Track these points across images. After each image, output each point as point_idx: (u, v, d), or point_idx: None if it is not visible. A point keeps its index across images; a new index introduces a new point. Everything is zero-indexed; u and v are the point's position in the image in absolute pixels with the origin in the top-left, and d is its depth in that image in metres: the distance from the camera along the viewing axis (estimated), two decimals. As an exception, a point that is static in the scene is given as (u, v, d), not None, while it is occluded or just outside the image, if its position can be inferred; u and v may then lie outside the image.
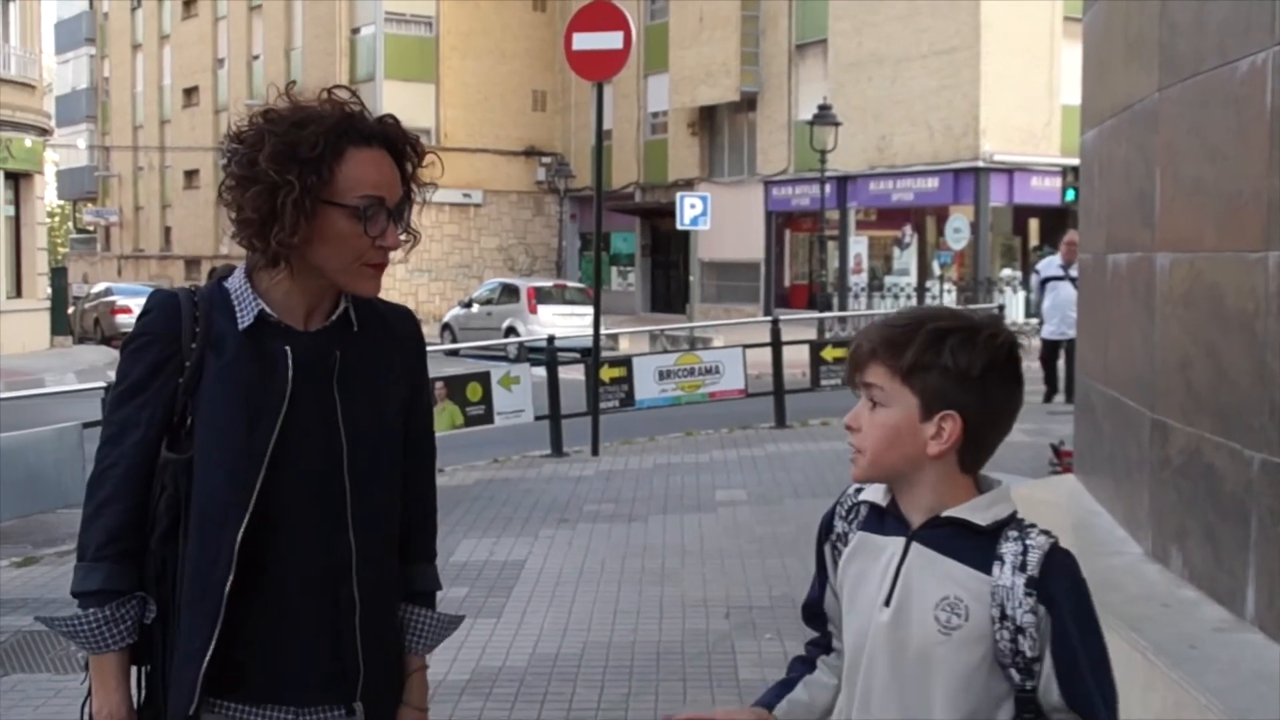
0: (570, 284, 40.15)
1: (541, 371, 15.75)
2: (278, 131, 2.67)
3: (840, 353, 17.79)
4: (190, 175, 68.01)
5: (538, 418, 15.41)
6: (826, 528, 2.67)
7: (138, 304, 31.48)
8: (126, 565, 2.69)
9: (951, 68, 38.86)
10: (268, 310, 2.76)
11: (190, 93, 67.98)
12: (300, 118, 2.69)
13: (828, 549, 2.66)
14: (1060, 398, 17.67)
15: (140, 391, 2.73)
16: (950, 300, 35.71)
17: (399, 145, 2.80)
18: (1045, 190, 39.18)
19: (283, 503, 2.69)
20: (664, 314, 48.44)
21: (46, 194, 45.46)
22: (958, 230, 36.39)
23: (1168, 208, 5.65)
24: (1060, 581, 2.36)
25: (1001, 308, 22.68)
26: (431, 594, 3.03)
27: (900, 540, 2.46)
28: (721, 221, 40.39)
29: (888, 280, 40.31)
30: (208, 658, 2.63)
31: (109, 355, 35.41)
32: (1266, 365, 4.52)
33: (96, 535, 2.69)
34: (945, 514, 2.42)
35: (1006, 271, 40.01)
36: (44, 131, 38.56)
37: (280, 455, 2.69)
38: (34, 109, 37.54)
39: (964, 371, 2.37)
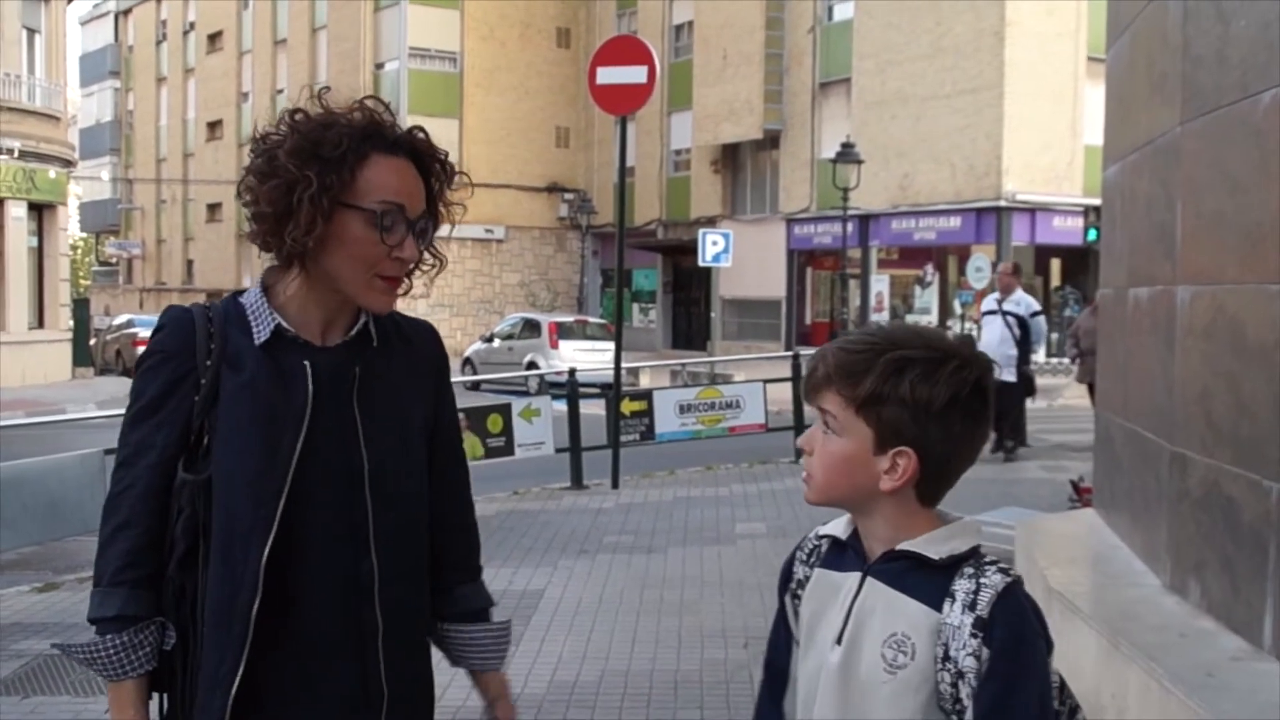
0: (592, 320, 40.19)
1: (562, 405, 15.78)
2: (302, 128, 2.61)
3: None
4: (213, 209, 68.29)
5: (558, 450, 15.40)
6: (786, 576, 2.51)
7: (160, 334, 31.43)
8: (144, 590, 2.60)
9: (975, 107, 38.90)
10: (284, 325, 2.68)
11: (214, 126, 68.31)
12: (328, 120, 2.64)
13: (788, 600, 2.49)
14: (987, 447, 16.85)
15: (155, 411, 2.65)
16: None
17: (426, 159, 2.72)
18: (1067, 230, 39.20)
19: (304, 523, 2.61)
20: (685, 351, 48.40)
21: (70, 226, 45.72)
22: (979, 269, 36.33)
23: (1189, 241, 5.67)
24: (1006, 625, 2.15)
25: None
26: (485, 610, 2.97)
27: (857, 575, 2.31)
28: (743, 259, 40.47)
29: (909, 319, 40.28)
30: (236, 682, 2.54)
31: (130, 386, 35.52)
32: (1286, 396, 4.53)
33: (113, 560, 2.60)
34: (900, 547, 2.26)
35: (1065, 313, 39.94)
36: (68, 163, 38.74)
37: (301, 474, 2.60)
38: (58, 140, 37.72)
39: (924, 406, 2.20)
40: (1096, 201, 11.11)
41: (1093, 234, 35.65)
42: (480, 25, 55.12)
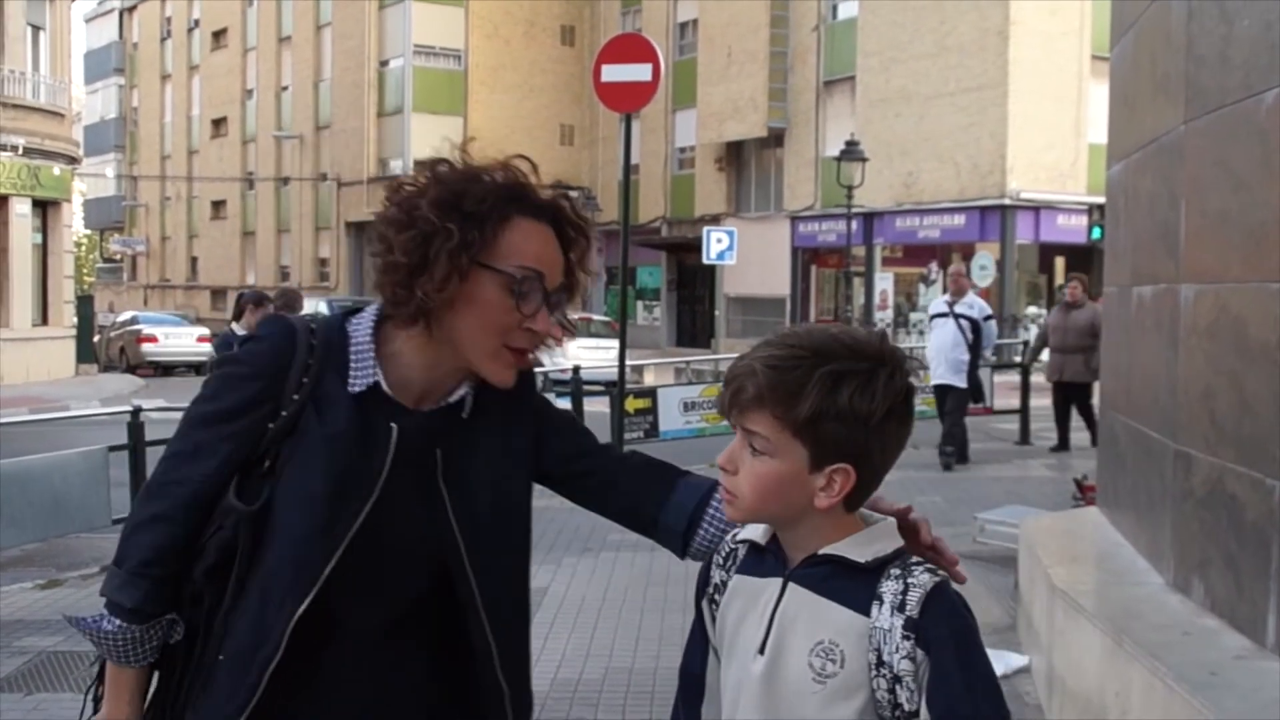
0: (596, 317, 40.14)
1: (566, 403, 15.74)
2: (446, 179, 2.48)
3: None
4: (217, 206, 68.42)
5: (562, 448, 15.31)
6: (704, 580, 2.41)
7: (163, 333, 31.24)
8: (164, 588, 2.51)
9: (979, 105, 38.90)
10: (384, 384, 2.52)
11: (219, 123, 68.44)
12: (471, 174, 2.50)
13: (705, 605, 2.39)
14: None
15: (226, 422, 2.51)
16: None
17: (567, 228, 2.57)
18: (1071, 228, 39.18)
19: (347, 592, 2.49)
20: (689, 348, 48.43)
21: (74, 223, 45.71)
22: (983, 267, 36.35)
23: (1193, 239, 5.67)
24: (941, 624, 2.09)
25: (1026, 344, 22.48)
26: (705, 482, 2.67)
27: (778, 581, 2.22)
28: (747, 256, 40.47)
29: (913, 316, 40.31)
30: None
31: (134, 383, 35.55)
32: (1289, 395, 4.53)
33: (142, 549, 2.50)
34: (823, 551, 2.17)
35: (1032, 309, 40.00)
36: (72, 160, 38.75)
37: (358, 544, 2.47)
38: (63, 137, 37.75)
39: (863, 420, 2.11)
40: (1100, 200, 11.05)
41: (1096, 232, 35.64)
42: (485, 23, 55.20)
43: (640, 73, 14.44)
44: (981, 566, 9.65)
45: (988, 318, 16.29)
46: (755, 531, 2.31)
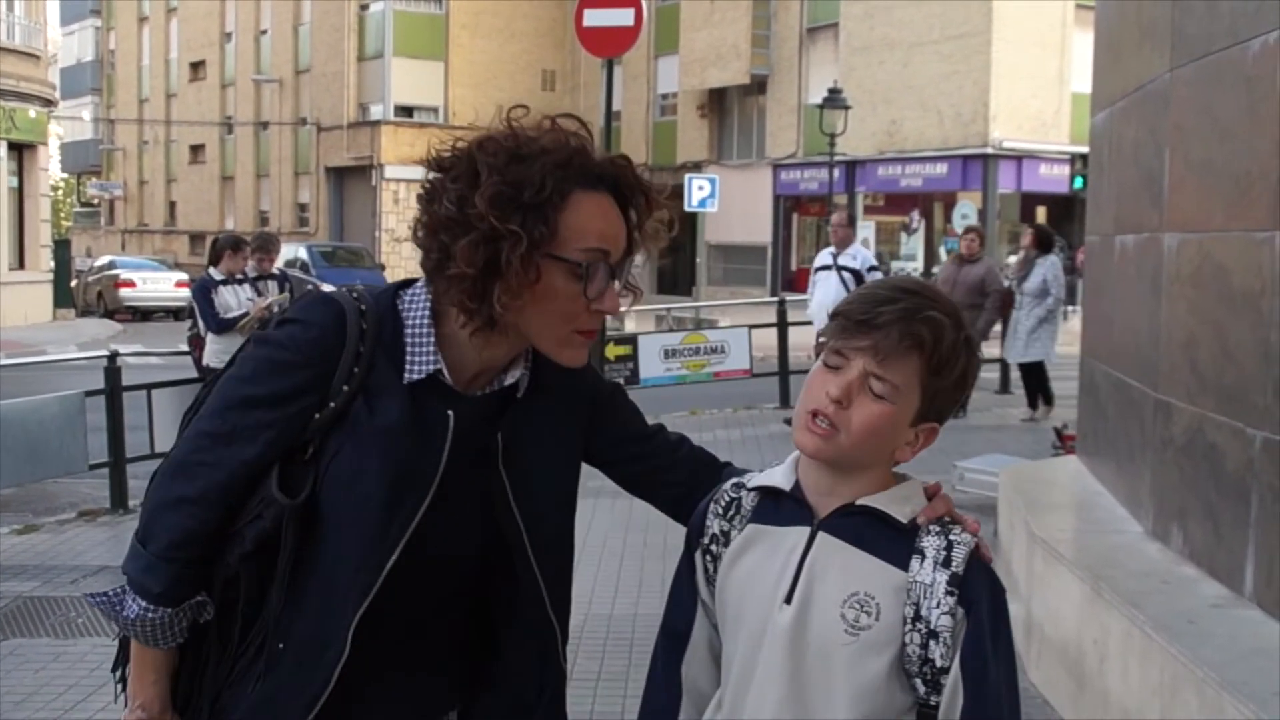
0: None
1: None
2: (497, 166, 2.27)
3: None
4: (196, 150, 68.02)
5: (541, 394, 15.31)
6: (698, 529, 2.36)
7: (141, 278, 31.06)
8: (194, 570, 2.38)
9: (963, 53, 38.81)
10: (444, 371, 2.39)
11: (197, 66, 67.91)
12: (521, 150, 2.29)
13: (699, 557, 2.35)
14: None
15: (268, 408, 2.35)
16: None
17: (629, 191, 2.39)
18: (1054, 178, 39.22)
19: (410, 584, 2.39)
20: (670, 295, 48.38)
21: (50, 166, 45.48)
22: (965, 216, 36.31)
23: (1177, 188, 5.65)
24: (984, 584, 2.10)
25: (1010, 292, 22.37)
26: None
27: (804, 530, 2.18)
28: (729, 204, 40.38)
29: (895, 265, 40.29)
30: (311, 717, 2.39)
31: (112, 328, 35.45)
32: (1271, 344, 4.53)
33: (170, 531, 2.36)
34: (860, 502, 2.16)
35: (1013, 259, 39.98)
36: (48, 103, 38.45)
37: (414, 537, 2.36)
38: (38, 79, 37.45)
39: (961, 385, 2.17)
40: (1083, 149, 10.91)
41: (1079, 182, 35.68)
42: (466, -34, 54.86)
43: (622, 17, 14.33)
44: (960, 515, 9.66)
45: (871, 268, 15.32)
46: (774, 478, 2.27)
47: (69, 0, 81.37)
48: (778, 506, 2.25)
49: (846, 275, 14.96)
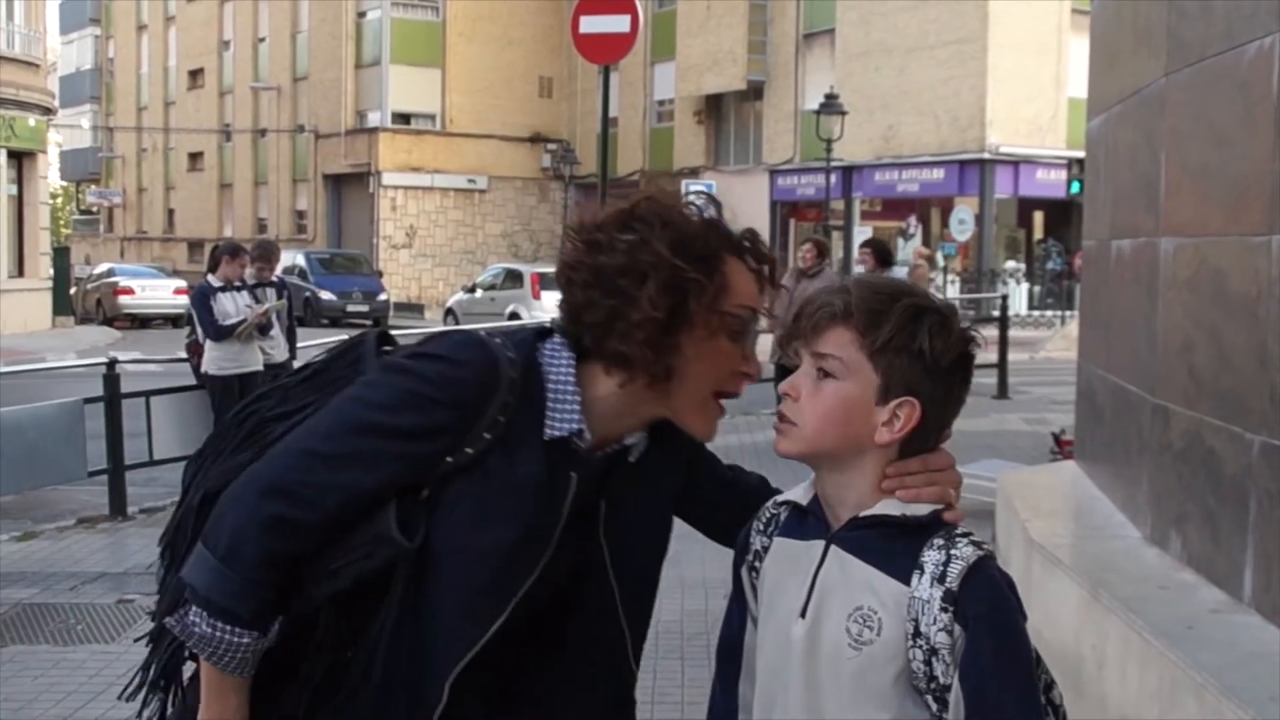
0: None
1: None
2: (671, 220, 2.29)
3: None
4: (194, 157, 67.99)
5: (539, 401, 15.29)
6: (743, 547, 2.36)
7: (140, 285, 31.11)
8: (279, 596, 2.24)
9: (959, 59, 38.86)
10: (586, 433, 2.31)
11: (195, 75, 67.91)
12: (675, 209, 2.34)
13: (745, 573, 2.35)
14: None
15: (400, 439, 2.23)
16: (954, 292, 35.73)
17: (761, 261, 2.40)
18: (1050, 183, 39.22)
19: (501, 643, 2.30)
20: (667, 302, 48.45)
21: (50, 174, 45.49)
22: (962, 221, 36.40)
23: (1173, 192, 5.65)
24: (981, 600, 2.04)
25: (1005, 298, 22.42)
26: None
27: (819, 543, 2.18)
28: (726, 210, 40.33)
29: (894, 271, 40.33)
30: None
31: (111, 335, 35.46)
32: (1268, 349, 4.53)
33: (262, 547, 2.20)
34: (865, 513, 2.14)
35: (1010, 264, 40.03)
36: (48, 111, 38.51)
37: (526, 598, 2.30)
38: (38, 88, 37.51)
39: (936, 359, 2.10)
40: (1080, 154, 10.91)
41: (1075, 187, 35.64)
42: (463, -27, 54.88)
43: (619, 24, 14.36)
44: (959, 520, 9.66)
45: None
46: (797, 493, 2.28)
47: (68, 8, 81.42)
48: (802, 521, 2.26)
49: None
